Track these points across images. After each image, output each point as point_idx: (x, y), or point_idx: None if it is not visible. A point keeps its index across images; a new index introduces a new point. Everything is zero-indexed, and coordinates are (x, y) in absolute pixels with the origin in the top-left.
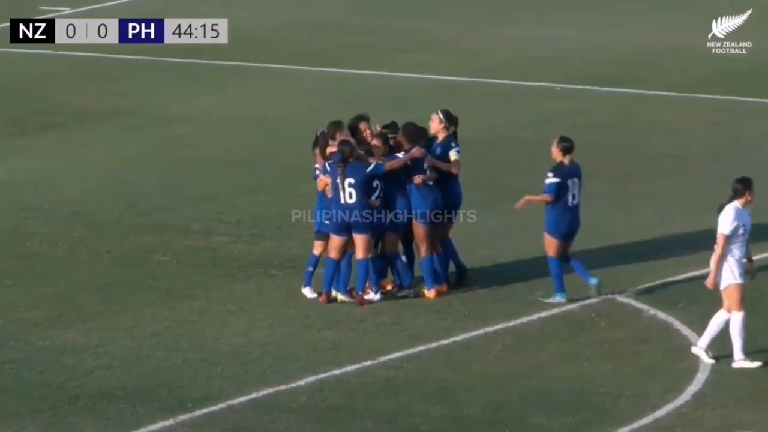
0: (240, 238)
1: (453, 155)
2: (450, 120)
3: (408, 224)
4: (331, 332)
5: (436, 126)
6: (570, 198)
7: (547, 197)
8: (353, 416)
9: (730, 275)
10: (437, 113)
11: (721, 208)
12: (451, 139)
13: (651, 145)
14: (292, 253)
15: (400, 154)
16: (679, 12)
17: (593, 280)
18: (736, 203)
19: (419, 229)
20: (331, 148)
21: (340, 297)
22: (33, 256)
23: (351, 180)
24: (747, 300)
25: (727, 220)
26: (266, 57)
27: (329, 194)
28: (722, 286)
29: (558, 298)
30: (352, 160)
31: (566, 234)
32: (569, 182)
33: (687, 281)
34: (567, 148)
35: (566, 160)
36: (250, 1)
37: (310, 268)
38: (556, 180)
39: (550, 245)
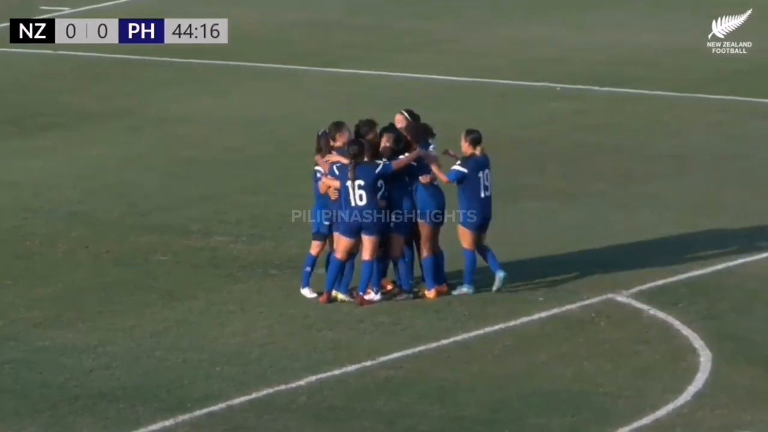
0: (240, 238)
1: (433, 152)
2: (415, 119)
3: (412, 225)
4: (330, 332)
5: (402, 126)
6: (482, 190)
7: (444, 179)
8: (353, 416)
9: None
10: (402, 113)
11: None
12: None
13: (651, 145)
14: (292, 253)
15: (401, 156)
16: (679, 12)
17: (501, 273)
18: None
19: (425, 228)
20: (332, 157)
21: (341, 297)
22: (33, 256)
23: (361, 182)
24: (745, 299)
25: None
26: (266, 57)
27: (333, 197)
28: None
29: (465, 290)
30: (360, 160)
31: (480, 225)
32: (480, 174)
33: (687, 281)
34: (475, 139)
35: (477, 152)
36: (250, 1)
37: (308, 269)
38: (461, 169)
39: (466, 237)
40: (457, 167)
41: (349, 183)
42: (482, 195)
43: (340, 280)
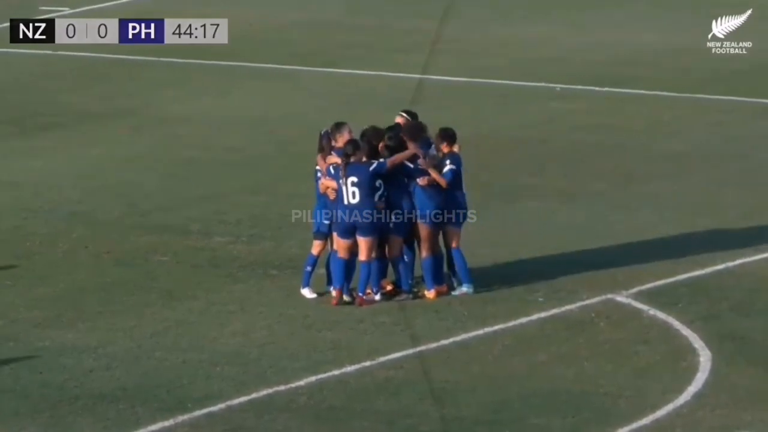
0: (240, 239)
1: (432, 152)
2: (413, 118)
3: (411, 225)
4: (330, 332)
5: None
6: (463, 186)
7: (443, 181)
8: (353, 417)
9: None
10: (401, 115)
11: None
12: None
13: (651, 145)
14: (292, 253)
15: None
16: (679, 12)
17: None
18: None
19: (425, 229)
20: (331, 159)
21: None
22: (33, 256)
23: (353, 179)
24: (744, 300)
25: None
26: (266, 57)
27: (331, 197)
28: None
29: (465, 289)
30: (355, 160)
31: (463, 222)
32: (461, 170)
33: (687, 281)
34: (452, 136)
35: (455, 149)
36: (250, 1)
37: (308, 269)
38: (453, 167)
39: (456, 236)
40: (450, 166)
41: (341, 181)
42: (464, 191)
43: (348, 277)
